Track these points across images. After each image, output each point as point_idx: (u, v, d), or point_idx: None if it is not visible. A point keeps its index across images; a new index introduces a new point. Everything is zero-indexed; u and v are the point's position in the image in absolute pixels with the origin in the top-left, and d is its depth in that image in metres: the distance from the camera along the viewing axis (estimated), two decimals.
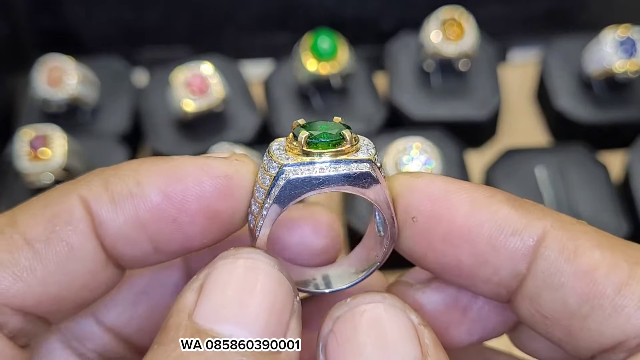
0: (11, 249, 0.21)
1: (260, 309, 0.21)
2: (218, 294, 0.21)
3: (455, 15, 0.54)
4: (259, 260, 0.22)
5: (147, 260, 0.23)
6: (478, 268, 0.22)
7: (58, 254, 0.21)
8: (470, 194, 0.22)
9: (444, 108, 0.56)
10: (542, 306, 0.22)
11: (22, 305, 0.21)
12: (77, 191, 0.22)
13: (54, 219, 0.22)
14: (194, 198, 0.22)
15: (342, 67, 0.54)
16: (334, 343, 0.21)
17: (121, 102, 0.57)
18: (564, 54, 0.57)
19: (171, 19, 0.62)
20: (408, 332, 0.21)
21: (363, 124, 0.55)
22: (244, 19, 0.62)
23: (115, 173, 0.22)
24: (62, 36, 0.62)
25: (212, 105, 0.53)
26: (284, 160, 0.21)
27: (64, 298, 0.22)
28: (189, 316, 0.21)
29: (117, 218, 0.22)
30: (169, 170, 0.22)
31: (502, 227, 0.22)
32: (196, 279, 0.22)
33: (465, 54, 0.55)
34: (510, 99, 0.60)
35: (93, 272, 0.22)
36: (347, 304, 0.22)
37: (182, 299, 0.21)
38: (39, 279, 0.21)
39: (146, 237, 0.22)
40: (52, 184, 0.50)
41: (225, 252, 0.22)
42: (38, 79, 0.54)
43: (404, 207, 0.23)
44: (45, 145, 0.49)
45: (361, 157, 0.22)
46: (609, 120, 0.55)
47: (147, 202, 0.22)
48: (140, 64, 0.62)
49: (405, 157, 0.47)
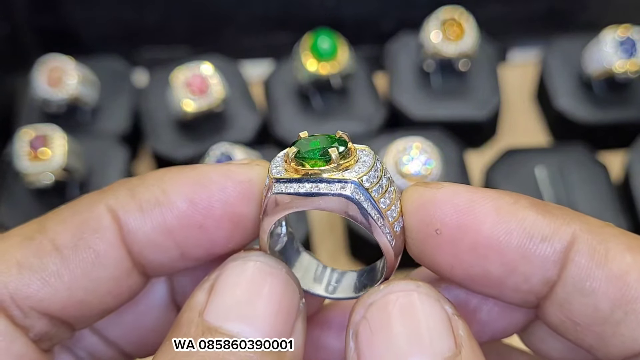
0: (40, 254, 0.22)
1: (267, 309, 0.21)
2: (228, 294, 0.22)
3: (455, 15, 0.54)
4: (267, 263, 0.22)
5: (173, 266, 0.24)
6: (507, 277, 0.22)
7: (85, 261, 0.22)
8: (495, 202, 0.22)
9: (444, 108, 0.56)
10: (572, 312, 0.22)
11: (48, 310, 0.22)
12: (105, 200, 0.23)
13: (81, 226, 0.22)
14: (219, 203, 0.23)
15: (342, 67, 0.54)
16: (367, 330, 0.21)
17: (121, 102, 0.57)
18: (564, 54, 0.57)
19: (171, 19, 0.62)
20: (442, 322, 0.21)
21: (363, 124, 0.55)
22: (244, 19, 0.62)
23: (141, 182, 0.23)
24: (62, 36, 0.62)
25: (212, 105, 0.53)
26: (276, 174, 0.22)
27: (89, 303, 0.23)
28: (200, 314, 0.21)
29: (145, 225, 0.23)
30: (193, 177, 0.23)
31: (531, 235, 0.21)
32: (207, 279, 0.22)
33: (465, 54, 0.55)
34: (510, 99, 0.60)
35: (118, 279, 0.23)
36: (381, 290, 0.21)
37: (193, 298, 0.22)
38: (66, 284, 0.22)
39: (173, 243, 0.23)
40: (52, 184, 0.50)
41: (236, 254, 0.23)
42: (38, 79, 0.54)
43: (426, 219, 0.22)
44: (45, 145, 0.49)
45: (347, 176, 0.21)
46: (609, 120, 0.55)
47: (174, 209, 0.23)
48: (140, 64, 0.62)
49: (405, 157, 0.47)
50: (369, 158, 0.22)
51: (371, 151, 0.22)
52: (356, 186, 0.21)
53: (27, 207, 0.52)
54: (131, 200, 0.23)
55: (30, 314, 0.22)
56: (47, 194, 0.51)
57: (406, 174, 0.47)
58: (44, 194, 0.51)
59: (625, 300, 0.21)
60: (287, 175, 0.22)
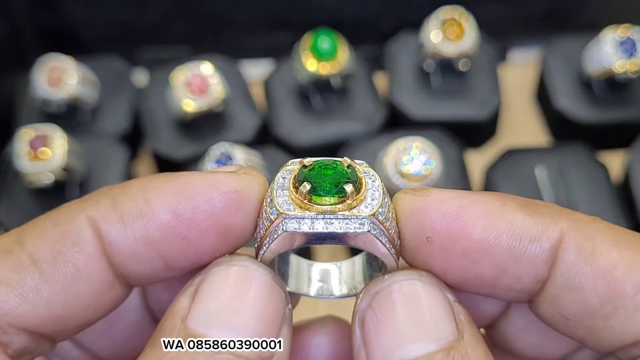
0: (18, 268, 0.21)
1: (252, 315, 0.21)
2: (211, 300, 0.21)
3: (455, 15, 0.54)
4: (251, 268, 0.22)
5: (157, 276, 0.23)
6: (499, 278, 0.22)
7: (64, 275, 0.22)
8: (483, 206, 0.22)
9: (444, 108, 0.56)
10: (563, 308, 0.22)
11: (27, 325, 0.22)
12: (86, 211, 0.22)
13: (61, 239, 0.22)
14: (204, 215, 0.22)
15: (342, 67, 0.54)
16: (373, 318, 0.22)
17: (121, 102, 0.57)
18: (564, 54, 0.57)
19: (171, 19, 0.62)
20: (445, 308, 0.22)
21: (363, 124, 0.55)
22: (244, 19, 0.62)
23: (123, 192, 0.22)
24: (62, 36, 0.62)
25: (212, 105, 0.53)
26: (285, 209, 0.21)
27: (69, 317, 0.22)
28: (182, 320, 0.21)
29: (127, 237, 0.22)
30: (177, 187, 0.22)
31: (520, 236, 0.22)
32: (191, 284, 0.22)
33: (465, 54, 0.55)
34: (510, 99, 0.60)
35: (99, 292, 0.22)
36: (385, 280, 0.22)
37: (176, 303, 0.22)
38: (45, 300, 0.21)
39: (157, 255, 0.22)
40: (52, 183, 0.50)
41: (220, 259, 0.22)
42: (38, 79, 0.54)
43: (417, 228, 0.22)
44: (45, 145, 0.49)
45: (363, 212, 0.21)
46: (609, 120, 0.55)
47: (156, 220, 0.22)
48: (140, 64, 0.62)
49: (405, 157, 0.47)
50: (375, 184, 0.22)
51: (374, 173, 0.22)
52: (372, 223, 0.21)
53: (27, 207, 0.52)
54: (112, 211, 0.22)
55: (8, 330, 0.21)
56: (47, 194, 0.51)
57: (406, 174, 0.47)
58: (44, 194, 0.51)
59: (613, 295, 0.21)
60: (298, 211, 0.21)
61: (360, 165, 0.22)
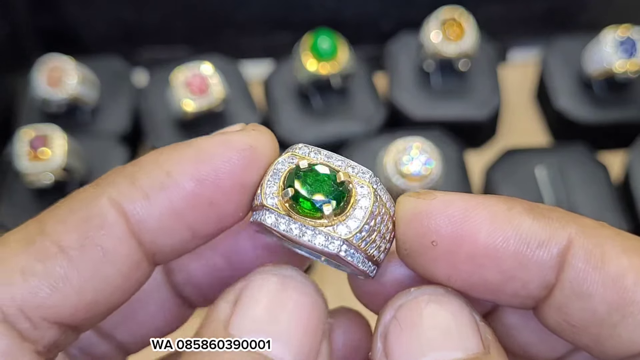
0: (45, 258, 0.21)
1: (294, 327, 0.21)
2: (254, 308, 0.21)
3: (455, 15, 0.54)
4: (294, 278, 0.22)
5: (185, 248, 0.23)
6: (505, 284, 0.22)
7: (93, 260, 0.21)
8: (490, 209, 0.22)
9: (444, 108, 0.56)
10: (570, 315, 0.21)
11: (59, 317, 0.21)
12: (106, 193, 0.22)
13: (85, 224, 0.21)
14: (226, 176, 0.22)
15: (342, 67, 0.54)
16: (397, 329, 0.21)
17: (121, 102, 0.57)
18: (564, 54, 0.57)
19: (171, 19, 0.62)
20: (470, 323, 0.21)
21: (363, 124, 0.55)
22: (243, 19, 0.62)
23: (138, 168, 0.22)
24: (62, 36, 0.62)
25: (212, 105, 0.53)
26: (268, 202, 0.22)
27: (98, 304, 0.22)
28: (225, 327, 0.21)
29: (153, 212, 0.22)
30: (193, 154, 0.22)
31: (527, 241, 0.21)
32: (231, 290, 0.22)
33: (465, 54, 0.55)
34: (510, 99, 0.60)
35: (127, 273, 0.22)
36: (411, 292, 0.22)
37: (217, 309, 0.21)
38: (75, 288, 0.21)
39: (184, 225, 0.22)
40: (52, 184, 0.50)
41: (263, 267, 0.22)
42: (38, 79, 0.54)
43: (421, 231, 0.22)
44: (45, 145, 0.49)
45: (339, 233, 0.21)
46: (609, 120, 0.55)
47: (180, 190, 0.22)
48: (140, 64, 0.62)
49: (405, 157, 0.47)
50: (364, 203, 0.22)
51: (370, 191, 0.22)
52: (345, 244, 0.21)
53: (27, 207, 0.52)
54: (134, 188, 0.22)
55: (41, 324, 0.21)
56: (47, 194, 0.51)
57: (406, 174, 0.47)
58: (44, 194, 0.51)
59: (622, 303, 0.21)
60: (280, 208, 0.21)
61: (362, 177, 0.22)
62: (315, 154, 0.22)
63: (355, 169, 0.22)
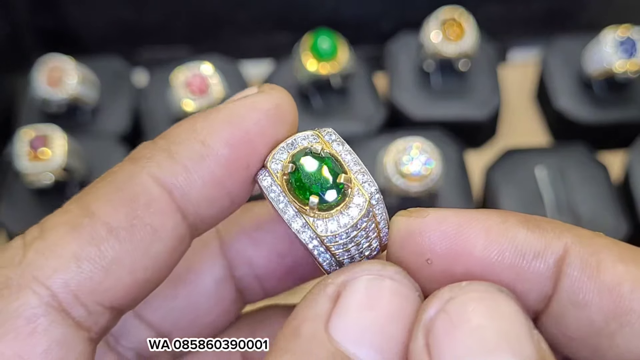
0: (96, 241, 0.20)
1: (402, 340, 0.20)
2: (360, 312, 0.20)
3: (455, 15, 0.54)
4: (404, 284, 0.21)
5: (222, 216, 0.23)
6: None
7: (143, 239, 0.21)
8: (484, 223, 0.21)
9: (444, 108, 0.56)
10: (567, 327, 0.21)
11: (113, 300, 0.21)
12: (146, 170, 0.21)
13: (132, 202, 0.21)
14: (258, 137, 0.22)
15: (342, 67, 0.54)
16: (447, 324, 0.19)
17: (121, 102, 0.57)
18: (564, 54, 0.57)
19: (171, 19, 0.62)
20: (527, 327, 0.20)
21: (363, 124, 0.55)
22: (243, 19, 0.62)
23: (172, 141, 0.22)
24: (62, 36, 0.62)
25: (212, 105, 0.53)
26: (273, 165, 0.22)
27: (148, 282, 0.21)
28: (325, 328, 0.20)
29: (195, 183, 0.21)
30: (223, 120, 0.22)
31: (523, 253, 0.21)
32: (329, 282, 0.21)
33: (465, 54, 0.55)
34: (510, 99, 0.60)
35: (174, 248, 0.22)
36: (462, 287, 0.20)
37: (314, 304, 0.20)
38: (128, 269, 0.20)
39: (225, 192, 0.22)
40: (52, 184, 0.50)
41: (369, 264, 0.21)
42: (38, 79, 0.54)
43: (415, 250, 0.22)
44: (45, 145, 0.49)
45: (316, 227, 0.21)
46: (609, 120, 0.55)
47: (219, 157, 0.22)
48: (140, 64, 0.62)
49: (405, 157, 0.47)
50: (355, 213, 0.21)
51: (366, 199, 0.22)
52: (316, 240, 0.21)
53: (27, 207, 0.52)
54: (173, 162, 0.21)
55: (95, 309, 0.20)
56: (47, 194, 0.51)
57: (406, 174, 0.47)
58: (44, 194, 0.51)
59: (619, 312, 0.20)
60: (278, 177, 0.22)
61: (365, 189, 0.22)
62: (337, 145, 0.22)
63: (364, 177, 0.22)
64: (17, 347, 0.19)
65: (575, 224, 0.48)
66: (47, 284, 0.20)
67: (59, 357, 0.19)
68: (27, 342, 0.19)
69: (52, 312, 0.20)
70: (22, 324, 0.19)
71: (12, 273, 0.20)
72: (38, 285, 0.20)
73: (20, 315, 0.19)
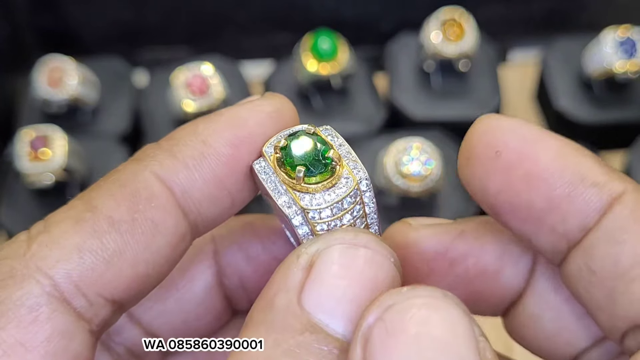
0: (98, 234, 0.21)
1: None
2: (333, 282, 0.20)
3: (455, 15, 0.55)
4: (379, 253, 0.20)
5: (223, 217, 0.23)
6: (547, 213, 0.22)
7: (145, 233, 0.21)
8: (560, 142, 0.22)
9: (444, 108, 0.56)
10: (593, 259, 0.21)
11: (114, 292, 0.21)
12: (148, 168, 0.22)
13: (134, 197, 0.21)
14: (260, 138, 0.23)
15: (342, 68, 0.54)
16: (382, 333, 0.18)
17: (121, 102, 0.57)
18: (564, 54, 0.57)
19: (171, 19, 0.63)
20: (469, 338, 0.18)
21: (363, 124, 0.55)
22: (244, 20, 0.62)
23: (175, 142, 0.22)
24: (63, 37, 0.62)
25: (213, 105, 0.53)
26: (267, 149, 0.22)
27: (150, 277, 0.22)
28: (298, 300, 0.20)
29: (196, 181, 0.22)
30: (227, 122, 0.23)
31: (583, 177, 0.21)
32: (304, 252, 0.21)
33: (465, 54, 0.55)
34: (510, 100, 0.60)
35: (175, 245, 0.22)
36: (403, 293, 0.19)
37: (288, 273, 0.20)
38: (129, 262, 0.21)
39: (226, 192, 0.22)
40: (52, 184, 0.50)
41: (342, 232, 0.21)
42: (38, 80, 0.54)
43: (490, 140, 0.22)
44: (45, 145, 0.49)
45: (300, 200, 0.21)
46: (609, 120, 0.55)
47: (220, 157, 0.22)
48: (140, 65, 0.62)
49: (405, 157, 0.47)
50: (342, 191, 0.22)
51: (355, 187, 0.22)
52: (300, 215, 0.21)
53: (27, 207, 0.52)
54: (174, 160, 0.22)
55: (96, 301, 0.20)
56: (47, 195, 0.51)
57: (406, 174, 0.47)
58: (45, 195, 0.52)
59: None
60: (270, 159, 0.22)
61: (356, 175, 0.22)
62: (332, 138, 0.23)
63: (355, 165, 0.22)
64: (19, 335, 0.19)
65: None
66: (50, 274, 0.20)
67: (60, 345, 0.20)
68: (29, 330, 0.19)
69: (54, 302, 0.20)
70: (25, 312, 0.19)
71: (17, 264, 0.20)
72: (41, 275, 0.20)
73: (23, 304, 0.20)
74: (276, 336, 0.19)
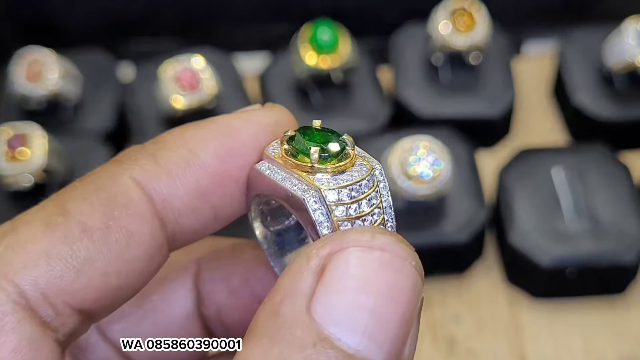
0: (69, 240, 0.21)
1: (396, 323, 0.19)
2: (347, 290, 0.19)
3: (466, 4, 0.55)
4: (397, 255, 0.20)
5: (204, 231, 0.23)
6: None
7: (118, 242, 0.21)
8: None
9: (454, 105, 0.56)
10: None
11: (83, 302, 0.21)
12: (128, 172, 0.22)
13: (109, 203, 0.21)
14: (252, 151, 0.23)
15: (343, 61, 0.54)
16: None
17: (105, 98, 0.57)
18: (582, 47, 0.57)
19: (159, 9, 0.63)
20: None
21: (366, 121, 0.55)
22: (237, 9, 0.62)
23: (160, 146, 0.22)
24: (43, 27, 0.62)
25: (204, 101, 0.53)
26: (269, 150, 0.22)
27: (121, 288, 0.22)
28: (307, 309, 0.19)
29: (178, 191, 0.22)
30: (217, 130, 0.23)
31: None
32: (315, 255, 0.20)
33: (476, 46, 0.55)
34: (525, 95, 0.60)
35: (150, 256, 0.22)
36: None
37: (297, 278, 0.20)
38: (100, 271, 0.21)
39: (209, 205, 0.22)
40: (31, 186, 0.50)
41: (358, 233, 0.20)
42: (16, 73, 0.54)
43: None
44: (24, 144, 0.49)
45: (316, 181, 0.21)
46: (632, 117, 0.55)
47: (206, 168, 0.22)
48: (126, 58, 0.62)
49: (412, 157, 0.47)
50: (358, 174, 0.21)
51: (369, 167, 0.22)
52: (314, 197, 0.21)
53: (3, 211, 0.52)
54: (157, 166, 0.22)
55: (64, 310, 0.21)
56: (25, 197, 0.51)
57: (413, 175, 0.47)
58: (23, 198, 0.51)
59: None
60: (275, 156, 0.22)
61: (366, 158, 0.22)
62: None
63: (367, 156, 0.23)
64: None
65: (595, 228, 0.48)
66: (15, 280, 0.20)
67: (28, 356, 0.20)
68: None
69: (20, 310, 0.20)
70: None
71: None
72: (6, 282, 0.20)
73: None
74: (281, 350, 0.19)
